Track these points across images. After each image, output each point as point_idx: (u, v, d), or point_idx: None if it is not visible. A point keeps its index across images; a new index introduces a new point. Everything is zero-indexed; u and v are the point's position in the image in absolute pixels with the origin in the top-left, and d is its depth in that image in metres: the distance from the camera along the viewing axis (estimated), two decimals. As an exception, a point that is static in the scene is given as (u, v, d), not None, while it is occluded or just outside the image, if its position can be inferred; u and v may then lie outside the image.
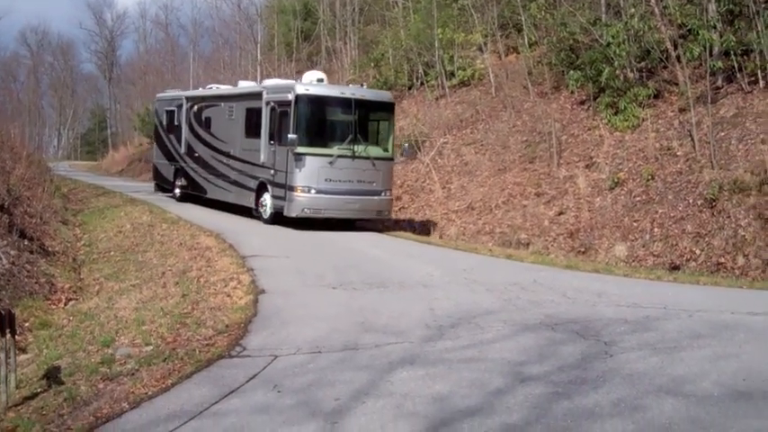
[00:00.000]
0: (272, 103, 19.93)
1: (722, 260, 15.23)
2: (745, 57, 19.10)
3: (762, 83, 18.66)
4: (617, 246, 17.55)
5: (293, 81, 20.91)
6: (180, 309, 10.59)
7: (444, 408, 6.36)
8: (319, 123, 19.95)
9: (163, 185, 28.78)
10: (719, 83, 19.88)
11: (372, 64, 36.76)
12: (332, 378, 7.29)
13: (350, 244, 17.28)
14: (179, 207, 24.03)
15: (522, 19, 27.92)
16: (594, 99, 23.16)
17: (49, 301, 12.06)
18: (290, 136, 18.40)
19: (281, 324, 9.53)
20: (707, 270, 15.09)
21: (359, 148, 19.12)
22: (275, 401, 6.74)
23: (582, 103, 24.24)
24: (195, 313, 10.26)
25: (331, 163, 18.91)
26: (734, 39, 18.86)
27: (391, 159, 20.39)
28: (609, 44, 21.71)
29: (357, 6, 43.05)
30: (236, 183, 22.16)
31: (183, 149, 26.03)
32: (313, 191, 18.80)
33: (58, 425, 6.56)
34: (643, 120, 20.91)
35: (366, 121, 20.05)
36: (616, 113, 21.70)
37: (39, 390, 7.56)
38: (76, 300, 12.39)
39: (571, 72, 23.73)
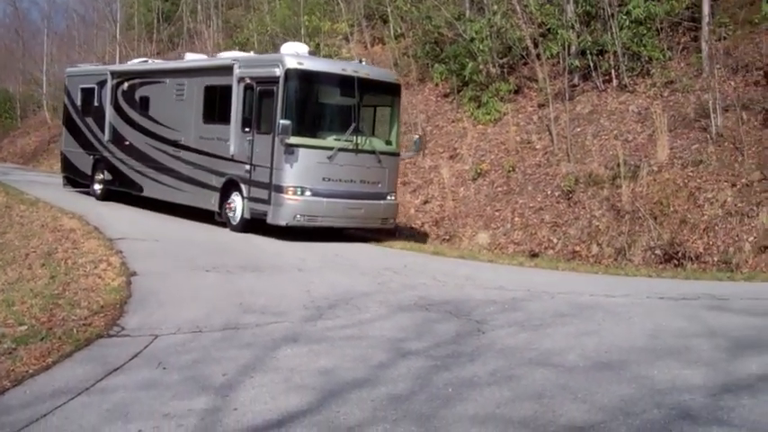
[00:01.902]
0: (248, 80, 16.12)
1: (578, 248, 16.17)
2: (600, 56, 20.18)
3: (615, 82, 19.80)
4: (480, 234, 18.28)
5: (279, 53, 16.58)
6: (50, 290, 10.34)
7: (331, 380, 6.61)
8: (315, 107, 16.55)
9: (76, 179, 23.66)
10: (576, 81, 20.93)
11: (237, 48, 36.29)
12: (216, 355, 7.39)
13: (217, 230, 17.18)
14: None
15: (389, 11, 28.39)
16: (458, 92, 23.87)
17: None
18: (281, 122, 14.85)
19: (158, 305, 9.52)
20: (563, 257, 15.98)
21: (362, 140, 15.81)
22: (162, 378, 6.79)
23: (446, 95, 24.91)
24: (67, 294, 10.05)
25: (330, 158, 15.44)
26: (590, 39, 19.97)
27: (397, 154, 17.03)
28: (472, 39, 22.46)
29: (220, -11, 42.56)
30: (189, 180, 17.89)
31: (106, 136, 21.31)
32: (308, 193, 15.31)
33: (-64, 404, 6.38)
34: (504, 114, 21.75)
35: (370, 106, 16.82)
36: (479, 107, 22.47)
37: None
38: (-67, 282, 11.84)
39: (436, 65, 24.43)
